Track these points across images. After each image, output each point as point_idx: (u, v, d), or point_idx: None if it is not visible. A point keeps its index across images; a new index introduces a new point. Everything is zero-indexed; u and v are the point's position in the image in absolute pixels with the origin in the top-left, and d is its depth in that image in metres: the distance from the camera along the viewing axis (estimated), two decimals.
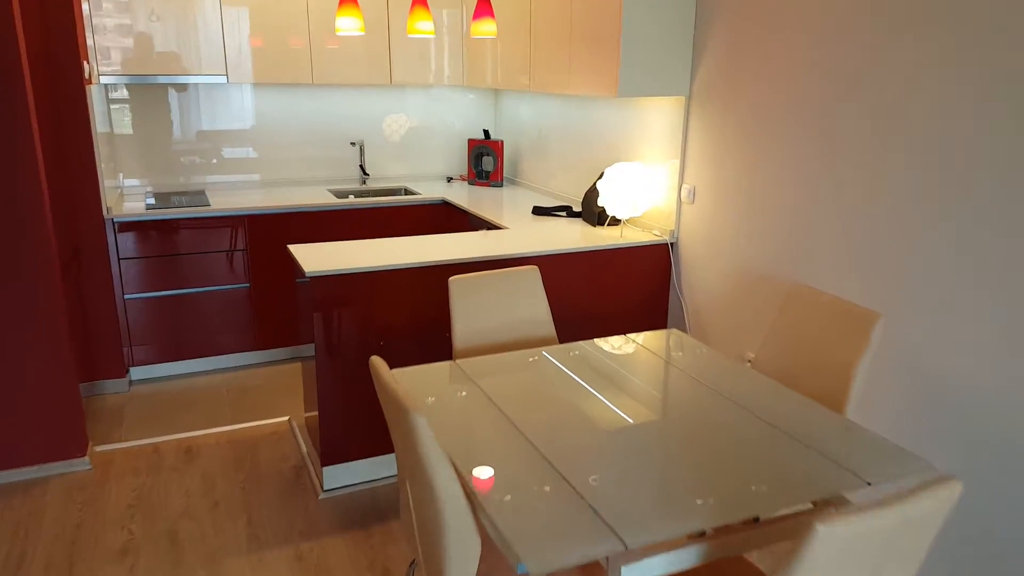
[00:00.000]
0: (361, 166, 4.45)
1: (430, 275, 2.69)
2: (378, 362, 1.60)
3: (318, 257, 2.66)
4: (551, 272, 2.89)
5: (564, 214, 3.54)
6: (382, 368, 1.58)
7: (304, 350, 2.84)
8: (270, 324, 3.85)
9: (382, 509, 2.64)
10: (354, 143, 4.44)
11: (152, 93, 3.94)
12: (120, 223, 3.45)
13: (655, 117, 3.14)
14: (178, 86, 3.98)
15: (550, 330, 2.39)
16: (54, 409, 2.84)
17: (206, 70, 3.73)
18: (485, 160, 4.43)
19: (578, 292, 2.97)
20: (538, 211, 3.57)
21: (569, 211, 3.54)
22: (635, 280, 3.07)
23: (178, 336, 3.70)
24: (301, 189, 4.21)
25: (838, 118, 2.28)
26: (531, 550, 1.26)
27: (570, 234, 3.12)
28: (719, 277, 2.87)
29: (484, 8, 2.98)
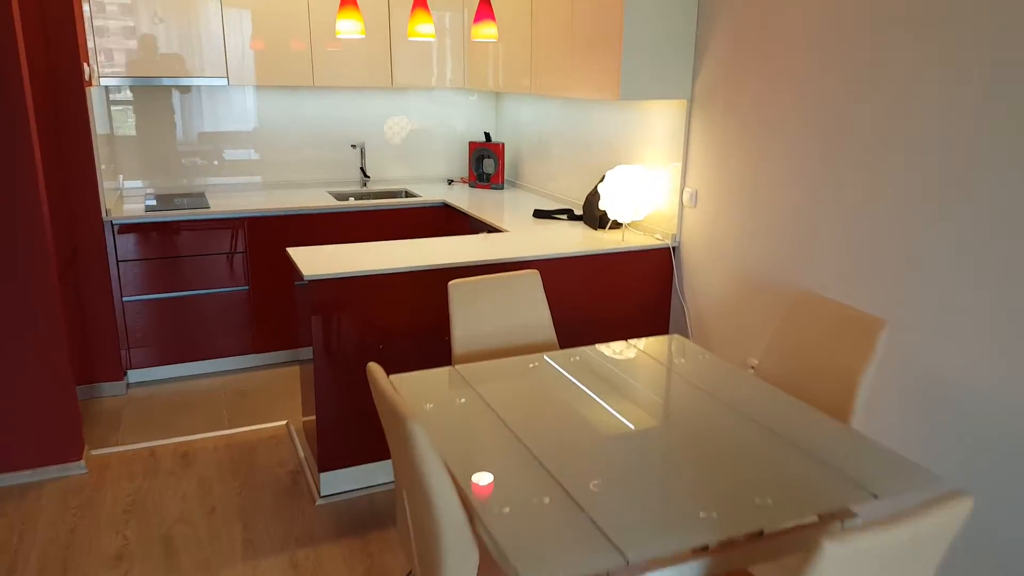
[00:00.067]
0: (362, 168, 4.43)
1: (430, 279, 2.67)
2: (375, 369, 1.57)
3: (317, 260, 2.64)
4: (552, 276, 2.86)
5: (565, 217, 3.52)
6: (379, 375, 1.55)
7: (303, 353, 2.82)
8: (269, 327, 3.83)
9: (380, 516, 2.61)
10: (355, 145, 4.42)
11: (154, 95, 3.92)
12: (119, 225, 3.43)
13: (657, 120, 3.11)
14: (181, 88, 3.96)
15: (551, 335, 2.36)
16: (50, 412, 2.81)
17: (207, 72, 3.71)
18: (486, 163, 4.41)
19: (579, 296, 2.94)
20: (539, 214, 3.55)
21: (570, 214, 3.52)
22: (637, 284, 3.05)
23: (177, 339, 3.67)
24: (301, 191, 4.18)
25: (841, 121, 2.25)
26: (530, 565, 1.23)
27: (571, 238, 3.09)
28: (721, 282, 2.84)
29: (485, 11, 2.96)
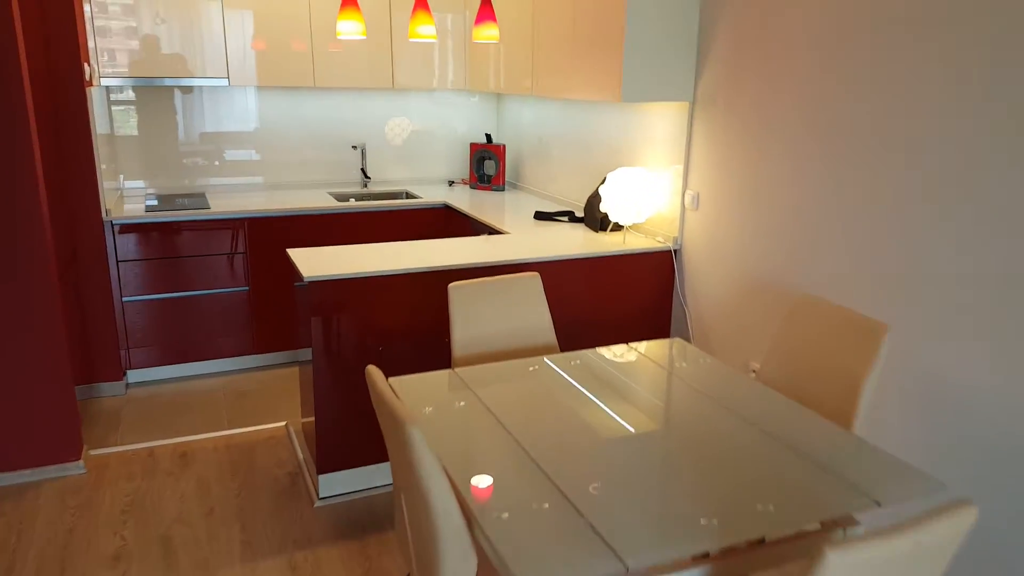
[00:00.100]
0: (362, 169, 4.42)
1: (430, 280, 2.66)
2: (374, 372, 1.56)
3: (317, 261, 2.63)
4: (552, 278, 2.86)
5: (566, 219, 3.51)
6: (378, 378, 1.54)
7: (302, 355, 2.81)
8: (269, 328, 3.82)
9: (378, 518, 2.60)
10: (355, 146, 4.41)
11: (155, 95, 3.91)
12: (119, 225, 3.43)
13: (658, 122, 3.10)
14: (183, 88, 3.95)
15: (551, 338, 2.35)
16: (49, 412, 2.81)
17: (208, 73, 3.70)
18: (487, 164, 4.40)
19: (580, 299, 2.93)
20: (540, 216, 3.54)
21: (571, 216, 3.51)
22: (638, 287, 3.04)
23: (176, 339, 3.67)
24: (302, 192, 4.18)
25: (842, 122, 2.24)
26: (529, 571, 1.22)
27: (572, 240, 3.08)
28: (723, 285, 2.83)
29: (486, 12, 2.95)
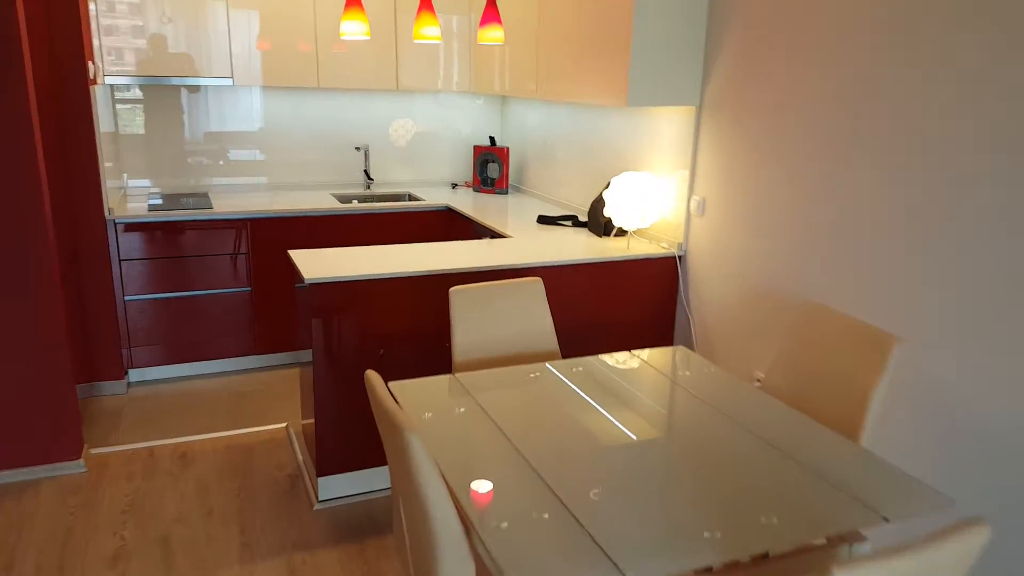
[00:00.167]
0: (365, 171, 4.41)
1: (431, 284, 2.65)
2: (373, 377, 1.56)
3: (318, 263, 2.63)
4: (555, 283, 2.84)
5: (570, 223, 3.49)
6: (377, 384, 1.53)
7: (303, 356, 2.80)
8: (271, 329, 3.82)
9: (377, 522, 2.60)
10: (359, 148, 4.40)
11: (160, 94, 3.91)
12: (121, 224, 3.43)
13: (664, 126, 3.09)
14: (189, 87, 3.95)
15: (553, 344, 2.34)
16: (50, 410, 2.80)
17: (213, 73, 3.70)
18: (490, 167, 4.39)
19: (582, 305, 2.92)
20: (543, 220, 3.53)
21: (575, 220, 3.50)
22: (641, 294, 3.02)
23: (178, 339, 3.66)
24: (305, 193, 4.17)
25: (853, 131, 2.23)
26: None
27: (575, 244, 3.07)
28: (728, 292, 2.82)
29: (491, 14, 2.94)
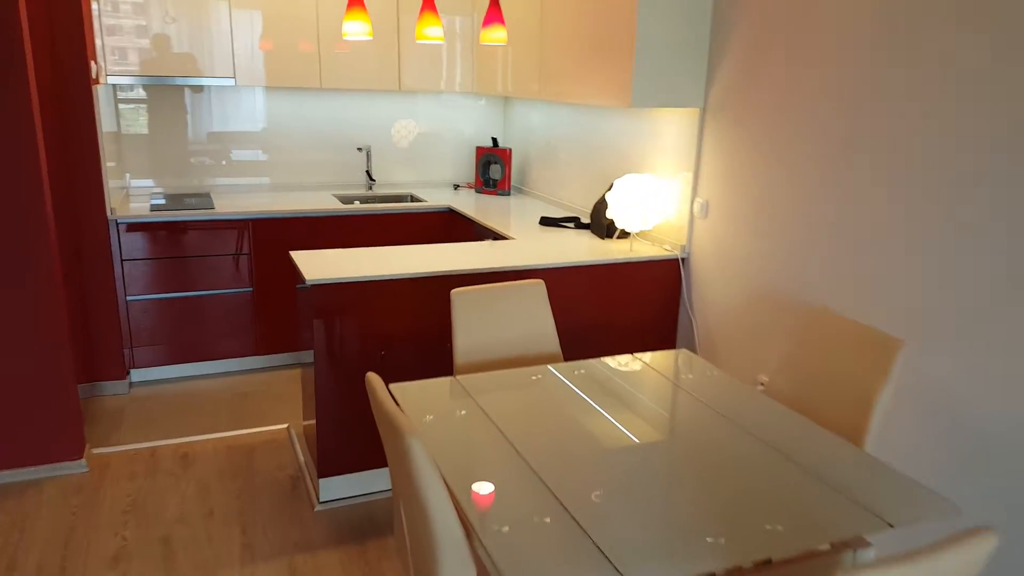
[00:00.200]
0: (367, 172, 4.41)
1: (433, 285, 2.65)
2: (374, 379, 1.55)
3: (319, 264, 2.62)
4: (557, 285, 2.84)
5: (572, 225, 3.49)
6: (378, 386, 1.53)
7: (305, 357, 2.80)
8: (273, 329, 3.82)
9: (378, 523, 2.59)
10: (361, 148, 4.40)
11: (163, 94, 3.91)
12: (123, 224, 3.43)
13: (668, 128, 3.08)
14: (193, 87, 3.95)
15: (555, 347, 2.33)
16: (52, 410, 2.81)
17: (216, 73, 3.70)
18: (493, 168, 4.38)
19: (585, 307, 2.92)
20: (545, 221, 3.52)
21: (577, 222, 3.49)
22: (644, 296, 3.01)
23: (180, 339, 3.66)
24: (307, 194, 4.17)
25: (855, 132, 2.22)
26: None
27: (577, 246, 3.06)
28: (731, 295, 2.81)
29: (494, 14, 2.94)
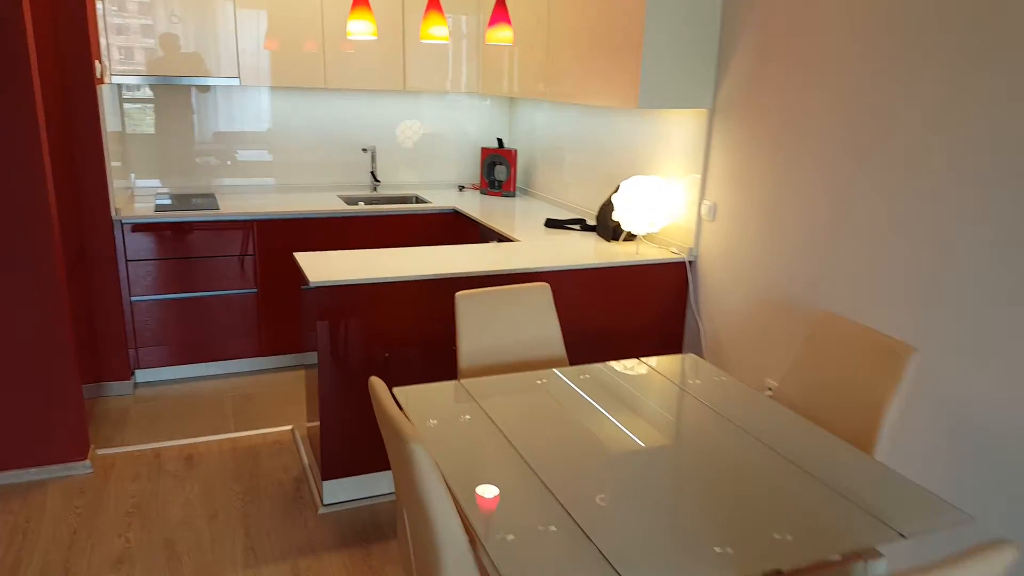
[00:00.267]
0: (372, 172, 4.40)
1: (437, 288, 2.63)
2: (377, 384, 1.54)
3: (323, 266, 2.61)
4: (562, 288, 2.82)
5: (578, 227, 3.47)
6: (381, 390, 1.51)
7: (309, 358, 2.79)
8: (277, 330, 3.81)
9: (382, 527, 2.58)
10: (366, 149, 4.39)
11: (169, 93, 3.91)
12: (128, 224, 3.42)
13: (675, 130, 3.06)
14: (200, 87, 3.95)
15: (560, 350, 2.32)
16: (57, 411, 2.80)
17: (221, 72, 3.70)
18: (498, 169, 4.36)
19: (590, 310, 2.90)
20: (551, 224, 3.50)
21: (583, 224, 3.47)
22: (650, 300, 2.99)
23: (185, 340, 3.66)
24: (311, 194, 4.17)
25: (866, 135, 2.19)
26: None
27: (583, 249, 3.04)
28: (739, 299, 2.78)
29: (500, 14, 2.92)
